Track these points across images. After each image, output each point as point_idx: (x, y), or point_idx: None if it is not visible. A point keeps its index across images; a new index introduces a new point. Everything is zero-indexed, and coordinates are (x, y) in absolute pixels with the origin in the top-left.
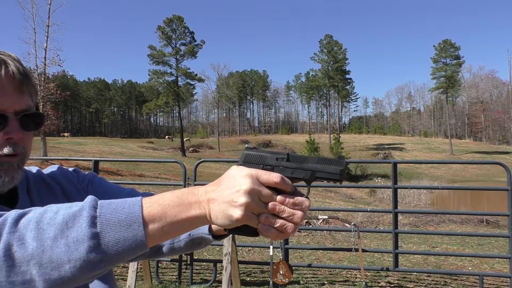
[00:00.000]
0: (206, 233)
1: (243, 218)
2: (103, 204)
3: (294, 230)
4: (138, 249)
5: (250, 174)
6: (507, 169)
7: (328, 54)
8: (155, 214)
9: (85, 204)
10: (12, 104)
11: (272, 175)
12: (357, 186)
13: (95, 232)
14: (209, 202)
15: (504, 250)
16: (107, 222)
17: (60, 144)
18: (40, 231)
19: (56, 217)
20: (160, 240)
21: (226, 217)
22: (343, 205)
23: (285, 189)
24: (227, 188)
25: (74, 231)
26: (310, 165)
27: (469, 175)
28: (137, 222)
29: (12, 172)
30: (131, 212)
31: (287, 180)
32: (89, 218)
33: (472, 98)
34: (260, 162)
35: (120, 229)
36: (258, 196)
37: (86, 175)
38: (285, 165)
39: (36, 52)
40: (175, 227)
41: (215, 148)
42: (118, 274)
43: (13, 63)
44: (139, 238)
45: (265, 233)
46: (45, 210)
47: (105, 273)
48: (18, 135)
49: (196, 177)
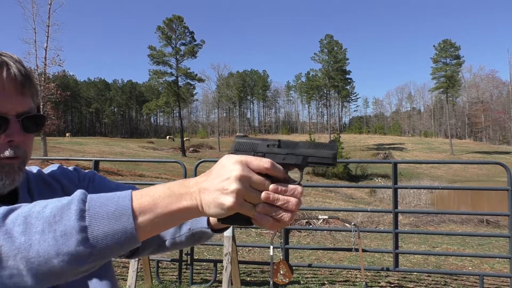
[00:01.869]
0: (205, 226)
1: (235, 205)
2: (92, 198)
3: (290, 219)
4: (128, 242)
5: (240, 161)
6: (507, 169)
7: (328, 54)
8: (146, 206)
9: (73, 198)
10: (14, 106)
11: (263, 160)
12: (357, 186)
13: (83, 225)
14: (200, 192)
15: (504, 250)
16: (96, 215)
17: (61, 144)
18: (27, 225)
19: (44, 211)
20: (151, 232)
21: (218, 206)
22: (343, 205)
23: (276, 174)
24: (217, 177)
25: (62, 225)
26: (302, 150)
27: (469, 175)
28: (127, 214)
29: (13, 175)
30: (121, 204)
31: (277, 165)
32: (77, 212)
33: (472, 98)
34: (251, 150)
35: (109, 222)
36: (248, 182)
37: (87, 173)
38: (277, 152)
39: (37, 52)
40: (166, 218)
41: (215, 148)
42: (118, 274)
43: (15, 64)
44: (128, 230)
45: (261, 222)
46: (34, 205)
47: (105, 271)
48: (19, 138)
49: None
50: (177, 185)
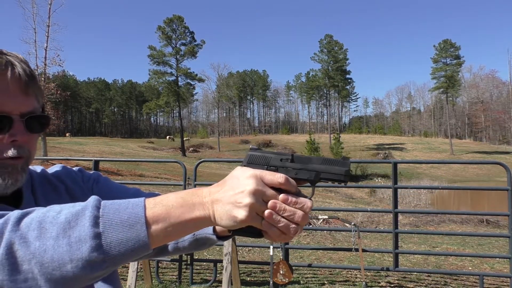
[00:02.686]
0: (211, 233)
1: (247, 219)
2: (106, 204)
3: (296, 232)
4: (141, 250)
5: (254, 175)
6: (507, 169)
7: (328, 54)
8: (159, 215)
9: (88, 204)
10: (18, 106)
11: (277, 175)
12: (357, 186)
13: (97, 232)
14: (213, 203)
15: (504, 250)
16: (110, 222)
17: (61, 144)
18: (42, 230)
19: (59, 217)
20: (163, 241)
21: (230, 218)
22: (343, 205)
23: (289, 189)
24: (231, 189)
25: (76, 231)
26: (315, 166)
27: (469, 175)
28: (140, 222)
29: (16, 175)
30: (134, 212)
31: (291, 180)
32: (91, 218)
33: (472, 98)
34: (264, 163)
35: (123, 229)
36: (262, 196)
37: (91, 174)
38: (290, 166)
39: (37, 52)
40: (179, 228)
41: (215, 148)
42: (119, 274)
43: (20, 64)
44: (141, 238)
45: (268, 232)
46: (48, 210)
47: (111, 273)
48: (23, 138)
49: (196, 177)
50: (190, 195)
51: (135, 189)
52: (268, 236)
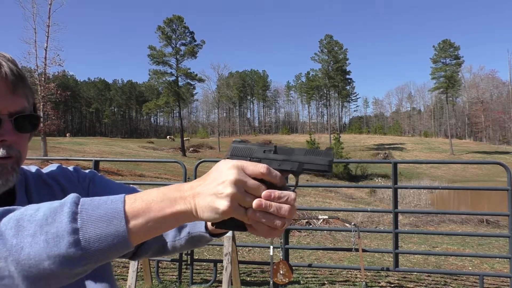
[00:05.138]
0: (203, 231)
1: (229, 210)
2: (85, 201)
3: (284, 225)
4: (121, 245)
5: (236, 166)
6: (507, 169)
7: (328, 54)
8: (139, 209)
9: (66, 201)
10: (6, 106)
11: (258, 165)
12: (357, 186)
13: (75, 228)
14: (195, 196)
15: (504, 250)
16: (88, 217)
17: (61, 144)
18: (19, 228)
19: (37, 214)
20: (145, 236)
21: (212, 210)
22: (343, 205)
23: (272, 180)
24: (213, 181)
25: (54, 227)
26: (298, 157)
27: (469, 175)
28: (118, 217)
29: (6, 175)
30: (113, 207)
31: (273, 171)
32: (70, 214)
33: (472, 98)
34: (247, 155)
35: (101, 224)
36: (244, 186)
37: (87, 174)
38: (273, 158)
39: (37, 52)
40: (160, 222)
41: (215, 148)
42: (119, 274)
43: (7, 64)
44: (121, 234)
45: (257, 229)
46: (26, 208)
47: (103, 271)
48: (12, 137)
49: (196, 177)
50: (172, 190)
51: (132, 188)
52: (257, 232)
